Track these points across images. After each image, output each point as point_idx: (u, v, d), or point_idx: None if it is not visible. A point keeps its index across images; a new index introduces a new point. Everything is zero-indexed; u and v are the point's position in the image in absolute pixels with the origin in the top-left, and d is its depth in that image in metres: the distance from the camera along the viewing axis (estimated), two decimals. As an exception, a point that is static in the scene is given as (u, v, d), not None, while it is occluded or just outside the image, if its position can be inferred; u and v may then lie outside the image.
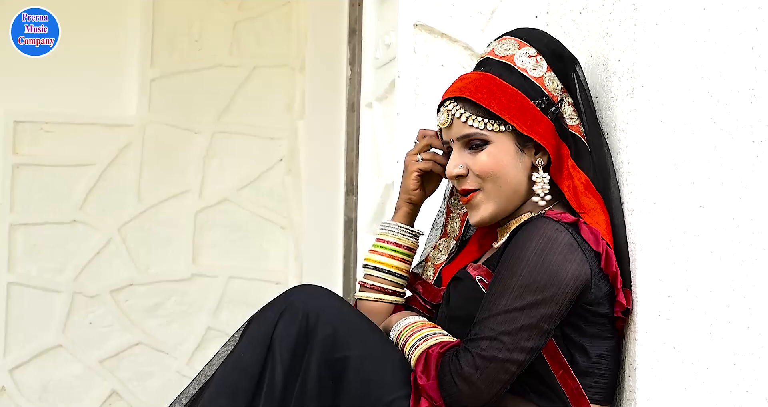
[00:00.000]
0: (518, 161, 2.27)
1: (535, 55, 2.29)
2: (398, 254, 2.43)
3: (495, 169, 2.25)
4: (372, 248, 2.46)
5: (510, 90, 2.25)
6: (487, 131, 2.25)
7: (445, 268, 2.45)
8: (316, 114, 4.78)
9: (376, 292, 2.43)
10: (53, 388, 4.80)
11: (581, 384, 2.18)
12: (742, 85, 2.26)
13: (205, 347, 4.91)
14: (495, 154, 2.25)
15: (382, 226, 2.46)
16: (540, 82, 2.28)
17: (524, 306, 2.11)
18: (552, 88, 2.28)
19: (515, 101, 2.25)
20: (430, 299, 2.43)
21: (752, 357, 2.24)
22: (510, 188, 2.27)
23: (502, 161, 2.25)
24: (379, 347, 2.22)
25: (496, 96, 2.24)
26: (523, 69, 2.28)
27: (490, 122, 2.25)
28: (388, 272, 2.43)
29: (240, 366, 2.20)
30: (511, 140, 2.26)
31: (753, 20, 2.27)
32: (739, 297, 2.24)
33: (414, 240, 2.45)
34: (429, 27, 2.85)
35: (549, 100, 2.27)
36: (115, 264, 4.87)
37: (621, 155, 2.29)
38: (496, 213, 2.29)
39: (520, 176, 2.27)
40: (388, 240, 2.44)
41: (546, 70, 2.29)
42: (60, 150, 4.82)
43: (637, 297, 2.21)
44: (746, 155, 2.26)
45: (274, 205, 5.00)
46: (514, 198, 2.28)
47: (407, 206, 2.45)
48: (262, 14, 4.98)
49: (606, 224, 2.24)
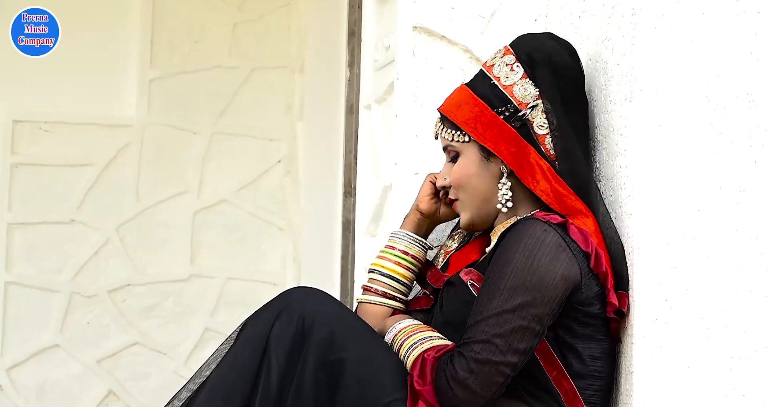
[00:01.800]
0: (484, 169, 2.32)
1: (512, 62, 2.33)
2: (405, 262, 2.46)
3: (462, 179, 2.34)
4: (380, 254, 2.49)
5: (473, 101, 2.32)
6: (456, 143, 2.34)
7: (453, 255, 2.46)
8: (315, 116, 4.78)
9: (377, 295, 2.44)
10: (50, 388, 4.79)
11: (576, 386, 2.19)
12: (740, 90, 2.26)
13: (202, 347, 4.90)
14: (462, 164, 2.34)
15: (392, 234, 2.50)
16: (509, 90, 2.31)
17: (515, 307, 2.12)
18: (521, 96, 2.30)
19: (475, 112, 2.31)
20: (433, 282, 2.44)
21: (749, 361, 2.24)
22: (479, 196, 2.33)
23: (468, 170, 2.33)
24: (376, 350, 2.23)
25: (461, 108, 2.33)
26: (497, 78, 2.33)
27: (456, 134, 2.34)
28: (392, 278, 2.45)
29: (236, 368, 2.21)
30: (476, 150, 2.32)
31: (752, 25, 2.27)
32: (736, 301, 2.24)
33: (422, 250, 2.48)
34: (428, 29, 2.86)
35: (514, 107, 2.30)
36: (112, 264, 4.86)
37: (619, 159, 2.29)
38: (473, 220, 2.36)
39: (487, 183, 2.33)
40: (395, 247, 2.47)
41: (521, 78, 2.32)
42: (59, 150, 4.81)
43: (634, 301, 2.22)
44: (744, 160, 2.26)
45: (273, 206, 5.00)
46: (485, 205, 2.34)
47: (415, 214, 2.49)
48: (261, 16, 4.97)
49: (594, 226, 2.25)
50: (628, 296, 2.23)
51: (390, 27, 3.09)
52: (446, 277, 2.39)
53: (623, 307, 2.21)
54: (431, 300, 2.44)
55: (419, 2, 2.84)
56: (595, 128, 2.42)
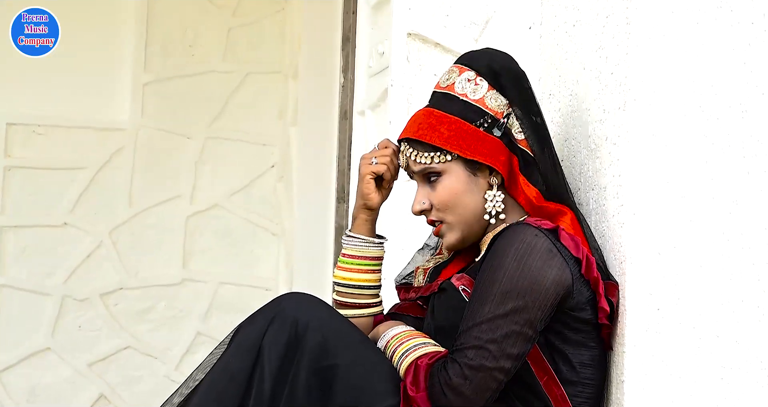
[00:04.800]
0: (473, 185, 2.31)
1: (474, 77, 2.32)
2: (365, 267, 2.44)
3: (451, 199, 2.31)
4: (339, 265, 2.46)
5: (448, 119, 2.30)
6: (437, 164, 2.30)
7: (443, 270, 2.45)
8: (309, 121, 4.79)
9: (352, 308, 2.44)
10: (41, 391, 4.79)
11: (566, 393, 2.19)
12: (733, 100, 2.27)
13: (194, 352, 4.91)
14: (448, 184, 2.31)
15: (344, 240, 2.47)
16: (480, 103, 2.31)
17: (507, 312, 2.12)
18: (495, 106, 2.31)
19: (454, 129, 2.29)
20: (423, 293, 2.43)
21: (740, 371, 2.24)
22: (469, 213, 2.31)
23: (456, 189, 2.30)
24: (368, 356, 2.23)
25: (436, 129, 2.29)
26: (463, 94, 2.32)
27: (435, 155, 2.30)
28: (358, 286, 2.44)
29: (229, 373, 2.21)
30: (461, 167, 2.30)
31: (746, 35, 2.28)
32: (728, 311, 2.25)
33: (379, 248, 2.45)
34: (423, 36, 2.86)
35: (492, 118, 2.30)
36: (105, 268, 4.87)
37: (612, 168, 2.30)
38: (463, 238, 2.34)
39: (476, 198, 2.31)
40: (351, 254, 2.45)
41: (487, 90, 2.32)
42: (52, 153, 4.82)
43: (626, 310, 2.22)
44: (737, 170, 2.26)
45: (266, 211, 5.01)
46: (476, 221, 2.32)
47: (364, 212, 2.46)
48: (256, 21, 4.98)
49: (572, 222, 2.26)
50: (617, 288, 2.23)
51: (384, 34, 3.10)
52: (437, 284, 2.39)
53: (612, 296, 2.21)
54: (422, 307, 2.45)
55: (414, 9, 2.85)
56: (588, 137, 2.42)
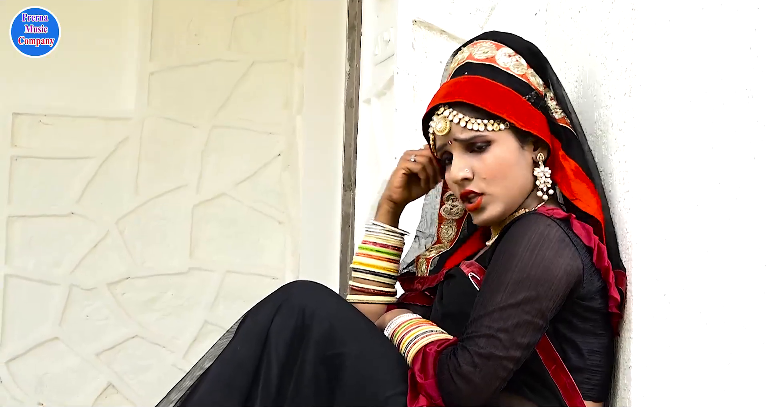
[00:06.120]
0: (521, 157, 2.28)
1: (513, 54, 2.32)
2: (385, 255, 2.45)
3: (502, 169, 2.26)
4: (359, 251, 2.48)
5: (501, 89, 2.27)
6: (488, 132, 2.25)
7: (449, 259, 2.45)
8: (315, 110, 4.78)
9: (367, 294, 2.44)
10: (49, 381, 4.80)
11: (574, 380, 2.19)
12: (739, 86, 2.27)
13: (201, 341, 4.91)
14: (499, 154, 2.25)
15: (367, 228, 2.48)
16: (525, 78, 2.30)
17: (519, 302, 2.12)
18: (537, 84, 2.31)
19: (509, 99, 2.26)
20: (429, 284, 2.43)
21: (747, 356, 2.24)
22: (516, 186, 2.28)
23: (508, 159, 2.26)
24: (375, 344, 2.23)
25: (491, 96, 2.25)
26: (507, 68, 2.30)
27: (489, 123, 2.25)
28: (376, 273, 2.45)
29: (235, 361, 2.21)
30: (513, 138, 2.27)
31: (751, 21, 2.27)
32: (735, 297, 2.25)
33: (399, 239, 2.47)
34: (428, 24, 2.86)
35: (537, 94, 2.30)
36: (112, 258, 4.87)
37: (618, 154, 2.30)
38: (504, 212, 2.29)
39: (524, 172, 2.28)
40: (374, 242, 2.46)
41: (527, 68, 2.31)
42: (58, 143, 4.82)
43: (632, 296, 2.22)
44: (743, 155, 2.26)
45: (272, 200, 5.01)
46: (520, 196, 2.29)
47: (388, 204, 2.47)
48: (261, 9, 4.98)
49: (597, 205, 2.26)
50: (625, 276, 2.23)
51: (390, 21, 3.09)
52: (442, 274, 2.39)
53: (621, 285, 2.21)
54: (429, 297, 2.45)
55: (419, -4, 2.85)
56: (594, 123, 2.42)
